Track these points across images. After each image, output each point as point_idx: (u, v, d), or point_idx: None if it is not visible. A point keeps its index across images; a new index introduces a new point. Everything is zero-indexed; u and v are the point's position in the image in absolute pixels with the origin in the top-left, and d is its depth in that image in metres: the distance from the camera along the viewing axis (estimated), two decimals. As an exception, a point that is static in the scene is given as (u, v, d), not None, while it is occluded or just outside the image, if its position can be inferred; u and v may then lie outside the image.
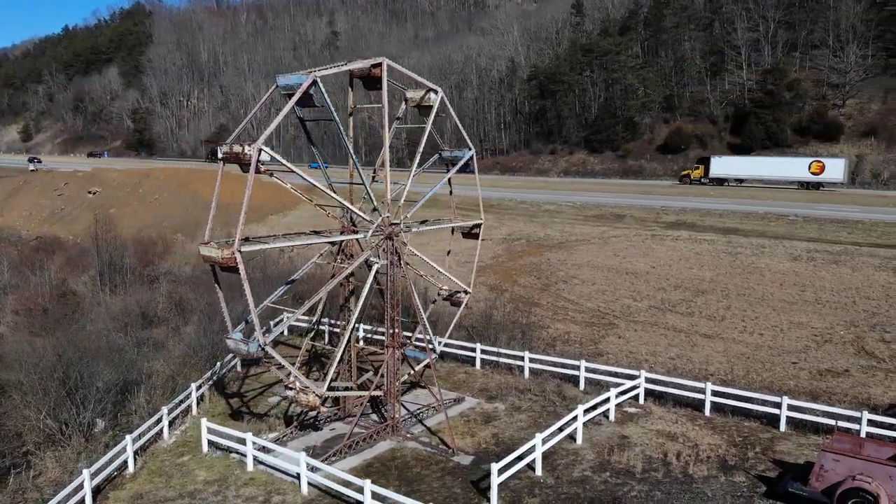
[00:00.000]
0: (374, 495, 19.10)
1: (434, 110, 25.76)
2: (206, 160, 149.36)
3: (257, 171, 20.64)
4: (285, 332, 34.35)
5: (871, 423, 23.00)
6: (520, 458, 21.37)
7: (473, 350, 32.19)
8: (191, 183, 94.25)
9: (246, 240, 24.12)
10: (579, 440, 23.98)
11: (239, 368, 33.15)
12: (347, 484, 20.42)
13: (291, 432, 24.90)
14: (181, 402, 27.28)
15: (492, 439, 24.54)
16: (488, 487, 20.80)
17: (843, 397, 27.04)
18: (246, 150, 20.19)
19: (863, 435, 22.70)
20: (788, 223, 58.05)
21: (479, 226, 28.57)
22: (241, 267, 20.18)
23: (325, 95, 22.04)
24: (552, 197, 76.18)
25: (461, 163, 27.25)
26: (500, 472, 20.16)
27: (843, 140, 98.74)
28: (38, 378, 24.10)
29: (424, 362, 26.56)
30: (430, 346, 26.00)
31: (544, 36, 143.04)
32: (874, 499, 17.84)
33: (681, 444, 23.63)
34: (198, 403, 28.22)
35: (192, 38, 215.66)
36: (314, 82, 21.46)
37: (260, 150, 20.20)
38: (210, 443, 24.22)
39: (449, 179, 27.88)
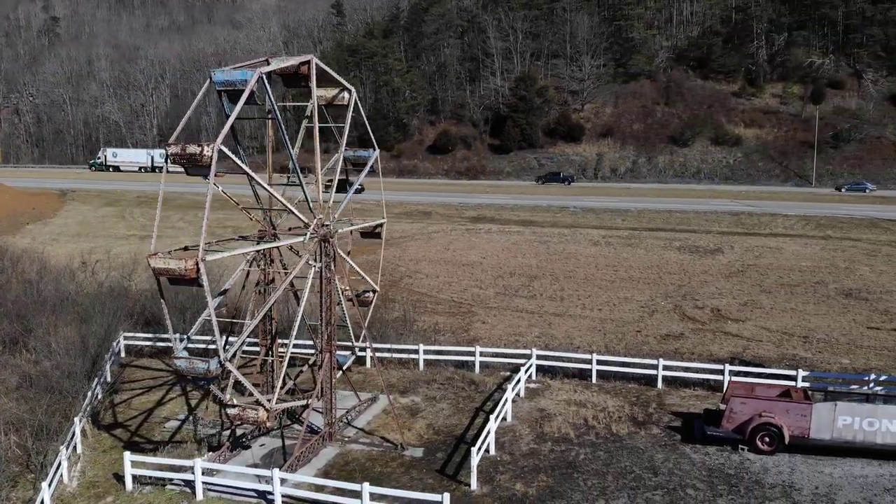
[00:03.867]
0: (373, 496, 19.00)
1: (350, 109, 25.74)
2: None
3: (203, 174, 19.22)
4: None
5: (732, 372, 28.02)
6: (467, 441, 22.61)
7: (363, 349, 32.31)
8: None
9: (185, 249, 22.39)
10: (509, 418, 25.79)
11: (100, 396, 29.59)
12: (321, 489, 20.02)
13: (222, 454, 23.25)
14: (70, 440, 23.90)
15: (429, 430, 25.30)
16: (455, 473, 21.83)
17: (691, 355, 32.24)
18: (205, 151, 18.69)
19: (726, 382, 27.67)
20: (571, 214, 65.65)
21: (381, 225, 29.01)
22: (204, 278, 18.65)
23: (270, 92, 21.10)
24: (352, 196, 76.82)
25: (370, 163, 27.52)
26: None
27: (585, 140, 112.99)
28: None
29: (348, 363, 26.39)
30: (355, 347, 25.94)
31: (305, 33, 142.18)
32: (778, 429, 22.17)
33: (592, 410, 26.56)
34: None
35: None
36: (260, 78, 20.43)
37: (219, 151, 18.86)
38: (134, 478, 21.74)
39: (349, 181, 28.08)
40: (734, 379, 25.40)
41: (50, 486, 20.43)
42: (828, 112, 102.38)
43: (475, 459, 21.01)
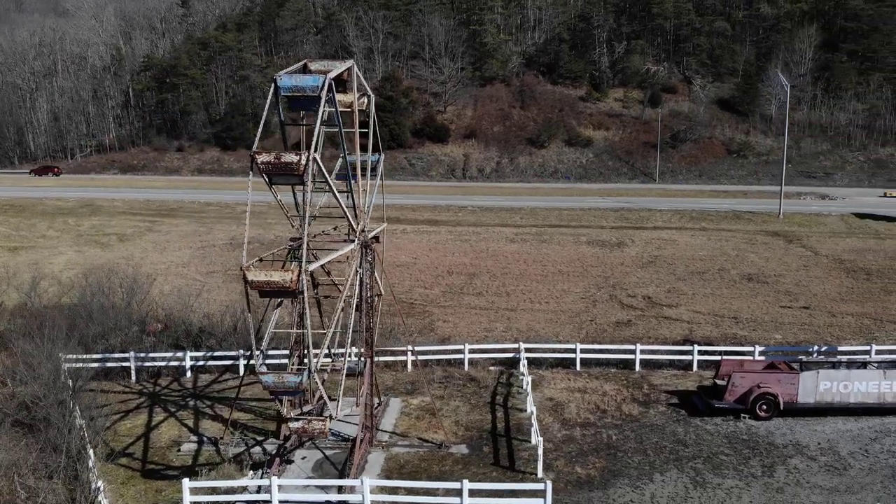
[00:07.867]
0: (472, 492, 19.66)
1: (373, 114, 25.91)
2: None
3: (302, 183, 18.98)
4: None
5: (700, 352, 31.48)
6: (501, 433, 23.95)
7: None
8: None
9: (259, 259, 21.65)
10: (528, 408, 27.24)
11: (79, 419, 27.13)
12: (401, 491, 20.43)
13: (276, 469, 22.58)
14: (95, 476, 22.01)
15: (459, 427, 26.09)
16: (511, 464, 23.05)
17: (648, 339, 35.46)
18: (302, 160, 18.40)
19: (695, 361, 31.17)
20: (471, 212, 68.07)
21: (381, 230, 29.32)
22: (305, 290, 18.36)
23: (335, 98, 20.98)
24: (223, 197, 73.67)
25: (380, 167, 27.75)
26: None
27: (451, 141, 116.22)
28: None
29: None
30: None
31: (146, 24, 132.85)
32: (775, 397, 25.61)
33: (596, 395, 28.70)
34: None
35: None
36: (331, 85, 20.32)
37: (315, 161, 18.65)
38: (193, 504, 20.60)
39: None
40: (726, 357, 28.70)
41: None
42: (665, 115, 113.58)
43: (540, 449, 22.31)
